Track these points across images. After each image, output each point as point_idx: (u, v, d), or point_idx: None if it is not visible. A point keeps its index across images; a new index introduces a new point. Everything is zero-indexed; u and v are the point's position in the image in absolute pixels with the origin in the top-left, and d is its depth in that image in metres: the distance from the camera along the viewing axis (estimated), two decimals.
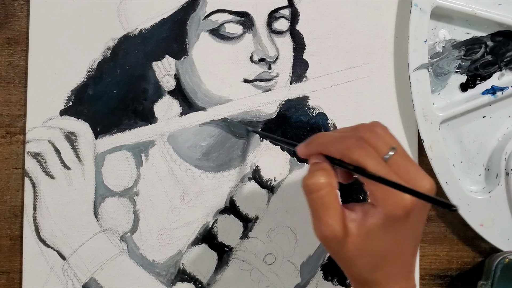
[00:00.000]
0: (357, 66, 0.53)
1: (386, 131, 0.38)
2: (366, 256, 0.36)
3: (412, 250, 0.38)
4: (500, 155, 0.53)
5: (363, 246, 0.36)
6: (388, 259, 0.37)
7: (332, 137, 0.38)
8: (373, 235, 0.36)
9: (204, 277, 0.52)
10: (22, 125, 0.52)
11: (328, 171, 0.37)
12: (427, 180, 0.36)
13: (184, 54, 0.52)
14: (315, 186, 0.36)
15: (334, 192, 0.37)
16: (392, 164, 0.36)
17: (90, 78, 0.52)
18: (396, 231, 0.36)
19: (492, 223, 0.53)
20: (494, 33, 0.54)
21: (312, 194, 0.36)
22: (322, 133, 0.40)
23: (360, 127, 0.39)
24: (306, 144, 0.39)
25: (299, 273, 0.53)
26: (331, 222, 0.36)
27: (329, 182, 0.36)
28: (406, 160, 0.37)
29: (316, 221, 0.37)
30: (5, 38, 0.52)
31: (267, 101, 0.53)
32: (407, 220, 0.35)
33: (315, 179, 0.36)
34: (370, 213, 0.36)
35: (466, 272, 0.55)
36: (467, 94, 0.54)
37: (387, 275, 0.37)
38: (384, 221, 0.35)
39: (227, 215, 0.52)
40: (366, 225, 0.36)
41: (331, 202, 0.36)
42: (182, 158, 0.52)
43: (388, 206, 0.35)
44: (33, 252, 0.51)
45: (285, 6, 0.53)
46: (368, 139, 0.37)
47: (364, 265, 0.37)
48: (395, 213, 0.35)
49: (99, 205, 0.51)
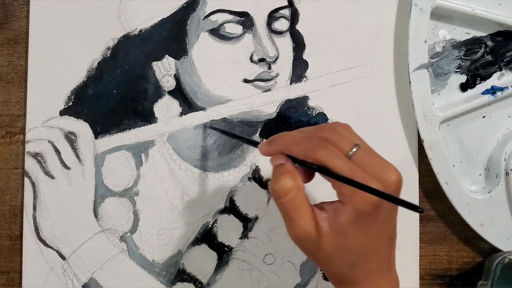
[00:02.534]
0: (357, 66, 0.53)
1: (348, 129, 0.39)
2: (343, 254, 0.36)
3: (388, 244, 0.38)
4: (500, 155, 0.53)
5: (338, 244, 0.36)
6: (364, 255, 0.37)
7: (295, 137, 0.38)
8: (346, 232, 0.36)
9: (204, 277, 0.52)
10: (22, 125, 0.52)
11: (293, 173, 0.37)
12: (393, 172, 0.36)
13: (184, 54, 0.52)
14: (282, 191, 0.36)
15: (302, 193, 0.37)
16: (356, 160, 0.36)
17: (90, 78, 0.52)
18: (368, 226, 0.36)
19: (492, 223, 0.53)
20: (494, 33, 0.54)
21: (281, 199, 0.36)
22: (285, 133, 0.40)
23: (322, 127, 0.39)
24: (268, 142, 0.39)
25: (299, 273, 0.53)
26: (303, 223, 0.36)
27: (295, 184, 0.36)
28: (371, 155, 0.37)
29: (289, 224, 0.37)
30: (5, 38, 0.52)
31: (267, 101, 0.53)
32: (378, 214, 0.36)
33: (281, 183, 0.36)
34: (340, 210, 0.36)
35: (466, 272, 0.55)
36: (467, 94, 0.54)
37: (366, 271, 0.37)
38: (355, 218, 0.35)
39: (227, 215, 0.52)
40: (338, 223, 0.36)
41: (300, 204, 0.36)
42: (182, 158, 0.52)
43: (356, 202, 0.35)
44: (33, 252, 0.51)
45: (285, 6, 0.53)
46: (331, 138, 0.37)
47: (341, 263, 0.37)
48: (364, 209, 0.35)
49: (99, 205, 0.51)
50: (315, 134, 0.38)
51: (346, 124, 0.39)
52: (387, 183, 0.36)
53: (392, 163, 0.37)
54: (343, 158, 0.36)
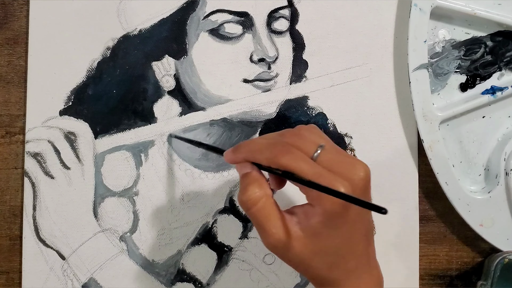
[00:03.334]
0: (357, 66, 0.53)
1: (312, 131, 0.39)
2: (319, 256, 0.36)
3: (364, 240, 0.38)
4: (500, 155, 0.53)
5: (312, 247, 0.36)
6: (340, 254, 0.37)
7: (259, 145, 0.38)
8: (319, 234, 0.36)
9: (204, 277, 0.52)
10: (21, 125, 0.52)
11: (260, 181, 0.37)
12: (360, 169, 0.36)
13: (184, 54, 0.52)
14: (251, 201, 0.36)
15: (271, 201, 0.37)
16: (322, 161, 0.36)
17: (89, 78, 0.52)
18: (340, 225, 0.36)
19: (492, 223, 0.53)
20: (494, 33, 0.54)
21: (251, 210, 0.37)
22: (249, 141, 0.40)
23: (286, 132, 0.39)
24: (233, 151, 0.39)
25: (298, 273, 0.53)
26: (275, 231, 0.36)
27: (263, 193, 0.37)
28: (336, 154, 0.37)
29: (262, 233, 0.37)
30: (5, 38, 0.52)
31: (267, 101, 0.53)
32: (348, 212, 0.36)
33: (249, 193, 0.36)
34: (310, 213, 0.36)
35: (465, 272, 0.55)
36: (467, 94, 0.54)
37: (345, 270, 0.37)
38: (325, 219, 0.35)
39: (226, 215, 0.52)
40: (310, 226, 0.36)
41: (270, 212, 0.36)
42: (182, 158, 0.52)
43: (324, 204, 0.35)
44: (32, 252, 0.51)
45: (284, 6, 0.53)
46: (294, 142, 0.37)
47: (319, 265, 0.37)
48: (333, 209, 0.35)
49: (98, 205, 0.51)
50: (278, 140, 0.38)
51: (311, 125, 0.40)
52: (355, 181, 0.36)
53: (360, 159, 0.37)
54: (308, 161, 0.36)
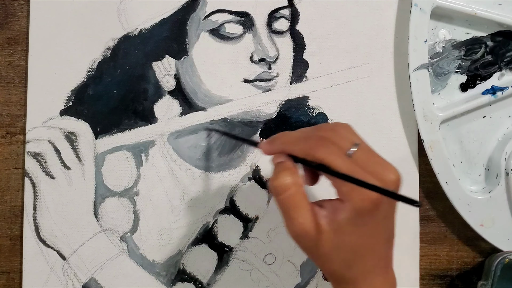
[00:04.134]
0: (357, 66, 0.53)
1: (348, 129, 0.39)
2: (340, 252, 0.37)
3: (385, 243, 0.38)
4: (500, 155, 0.53)
5: (336, 242, 0.36)
6: (362, 253, 0.37)
7: (295, 137, 0.38)
8: (344, 230, 0.36)
9: (204, 277, 0.52)
10: (22, 125, 0.52)
11: (293, 170, 0.37)
12: (392, 172, 0.36)
13: (184, 54, 0.52)
14: (282, 187, 0.37)
15: (301, 190, 0.37)
16: (356, 159, 0.36)
17: (90, 78, 0.52)
18: (366, 224, 0.36)
19: (492, 223, 0.53)
20: (494, 33, 0.54)
21: (280, 196, 0.37)
22: (285, 132, 0.40)
23: (322, 126, 0.40)
24: (269, 142, 0.40)
25: (299, 273, 0.53)
26: (302, 221, 0.36)
27: (295, 181, 0.37)
28: (370, 154, 0.37)
29: (288, 221, 0.37)
30: (5, 38, 0.52)
31: (267, 101, 0.53)
32: (377, 212, 0.36)
33: (281, 180, 0.37)
34: (339, 208, 0.36)
35: (466, 272, 0.55)
36: (467, 94, 0.54)
37: (363, 270, 0.37)
38: (354, 215, 0.36)
39: (227, 215, 0.52)
40: (337, 221, 0.36)
41: (300, 201, 0.36)
42: (182, 158, 0.52)
43: (355, 200, 0.35)
44: (33, 252, 0.51)
45: (285, 6, 0.53)
46: (331, 137, 0.37)
47: (339, 262, 0.37)
48: (363, 206, 0.35)
49: (99, 205, 0.51)
50: (314, 133, 0.38)
51: (347, 124, 0.40)
52: (386, 182, 0.36)
53: (391, 163, 0.37)
54: (343, 157, 0.36)
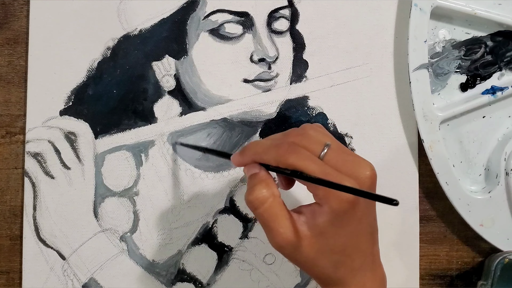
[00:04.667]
0: (357, 66, 0.53)
1: (318, 129, 0.39)
2: (325, 255, 0.37)
3: (369, 239, 0.38)
4: (500, 155, 0.53)
5: (319, 246, 0.36)
6: (346, 253, 0.37)
7: (265, 146, 0.38)
8: (326, 233, 0.36)
9: (204, 277, 0.52)
10: (22, 125, 0.52)
11: (267, 181, 0.37)
12: (366, 167, 0.37)
13: (184, 54, 0.52)
14: (258, 201, 0.36)
15: (279, 200, 0.37)
16: (328, 160, 0.36)
17: (90, 78, 0.52)
18: (347, 224, 0.36)
19: (492, 223, 0.53)
20: (494, 33, 0.54)
21: (258, 209, 0.37)
22: (255, 142, 0.40)
23: (291, 132, 0.39)
24: (240, 153, 0.40)
25: (299, 273, 0.53)
26: (282, 231, 0.36)
27: (271, 192, 0.37)
28: (342, 153, 0.37)
29: (268, 233, 0.37)
30: (5, 38, 0.52)
31: (267, 101, 0.53)
32: (355, 211, 0.36)
33: (256, 193, 0.37)
34: (317, 212, 0.36)
35: (466, 272, 0.55)
36: (467, 94, 0.54)
37: (350, 269, 0.37)
38: (333, 218, 0.36)
39: (227, 215, 0.52)
40: (317, 225, 0.36)
41: (278, 212, 0.36)
42: (182, 158, 0.52)
43: (332, 202, 0.35)
44: (33, 252, 0.51)
45: (285, 6, 0.53)
46: (300, 142, 0.37)
47: (325, 264, 0.37)
48: (341, 207, 0.35)
49: (99, 205, 0.51)
50: (284, 140, 0.38)
51: (316, 124, 0.40)
52: (361, 179, 0.36)
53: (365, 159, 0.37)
54: (315, 160, 0.36)
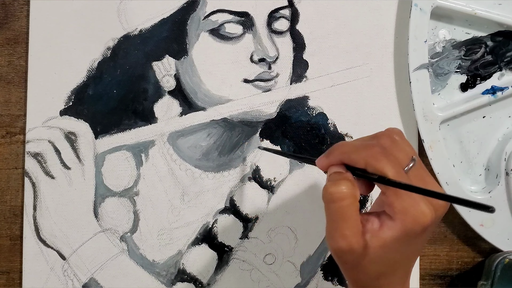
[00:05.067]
0: (357, 66, 0.53)
1: (404, 139, 0.38)
2: (376, 265, 0.36)
3: (412, 262, 0.38)
4: (500, 155, 0.53)
5: (374, 257, 0.35)
6: (395, 268, 0.36)
7: (355, 146, 0.37)
8: (387, 247, 0.35)
9: (204, 277, 0.52)
10: (22, 125, 0.52)
11: (352, 182, 0.36)
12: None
13: (184, 54, 0.52)
14: (338, 195, 0.35)
15: (356, 204, 0.35)
16: (410, 175, 0.36)
17: (90, 78, 0.52)
18: (410, 244, 0.35)
19: (492, 223, 0.53)
20: (494, 33, 0.54)
21: (333, 203, 0.35)
22: (343, 142, 0.39)
23: (381, 135, 0.38)
24: (327, 155, 0.38)
25: (299, 273, 0.53)
26: (349, 234, 0.35)
27: (352, 192, 0.35)
28: (424, 173, 0.37)
29: (333, 231, 0.35)
30: (5, 38, 0.52)
31: (267, 101, 0.53)
32: (423, 235, 0.35)
33: (339, 188, 0.35)
34: (387, 225, 0.35)
35: (466, 272, 0.55)
36: (467, 94, 0.54)
37: (390, 282, 0.37)
38: (401, 235, 0.35)
39: (227, 215, 0.52)
40: (382, 237, 0.35)
41: (352, 214, 0.35)
42: (182, 158, 0.52)
43: (407, 220, 0.34)
44: (33, 252, 0.51)
45: (285, 6, 0.53)
46: (391, 148, 0.36)
47: (371, 273, 0.36)
48: (413, 228, 0.34)
49: (99, 205, 0.51)
50: (375, 142, 0.37)
51: (400, 131, 0.39)
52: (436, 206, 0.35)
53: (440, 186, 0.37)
54: (401, 171, 0.35)
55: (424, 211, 0.34)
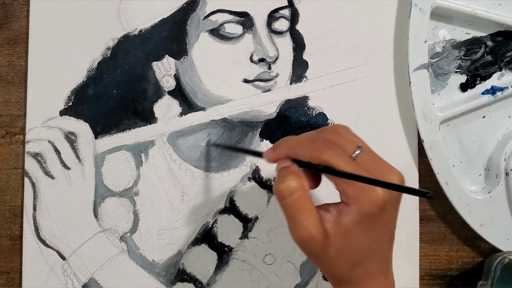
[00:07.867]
0: (357, 66, 0.53)
1: (349, 131, 0.39)
2: (345, 254, 0.37)
3: (388, 245, 0.39)
4: (500, 155, 0.53)
5: (341, 245, 0.36)
6: (366, 255, 0.37)
7: (300, 140, 0.39)
8: (350, 234, 0.36)
9: (204, 277, 0.52)
10: (22, 125, 0.52)
11: (298, 174, 0.37)
12: (395, 174, 0.37)
13: (184, 54, 0.52)
14: (287, 191, 0.36)
15: (307, 194, 0.37)
16: (359, 162, 0.37)
17: (90, 78, 0.52)
18: (371, 227, 0.36)
19: (492, 223, 0.53)
20: (494, 33, 0.54)
21: (285, 200, 0.37)
22: (289, 137, 0.40)
23: (325, 129, 0.40)
24: (273, 148, 0.40)
25: (299, 273, 0.53)
26: (307, 225, 0.36)
27: (300, 185, 0.37)
28: (373, 157, 0.38)
29: (292, 225, 0.37)
30: (5, 38, 0.52)
31: (267, 101, 0.53)
32: (381, 215, 0.36)
33: (286, 183, 0.36)
34: (344, 212, 0.36)
35: (466, 272, 0.55)
36: (467, 94, 0.54)
37: (367, 271, 0.37)
38: (360, 219, 0.36)
39: (227, 215, 0.52)
40: (342, 224, 0.36)
41: (305, 205, 0.36)
42: (182, 158, 0.52)
43: (362, 203, 0.35)
44: (33, 252, 0.51)
45: (285, 6, 0.53)
46: (335, 140, 0.37)
47: (343, 264, 0.37)
48: (370, 210, 0.35)
49: (99, 205, 0.51)
50: (319, 136, 0.38)
51: (346, 126, 0.40)
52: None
53: (393, 165, 0.38)
54: (348, 159, 0.36)
55: (376, 191, 0.35)
